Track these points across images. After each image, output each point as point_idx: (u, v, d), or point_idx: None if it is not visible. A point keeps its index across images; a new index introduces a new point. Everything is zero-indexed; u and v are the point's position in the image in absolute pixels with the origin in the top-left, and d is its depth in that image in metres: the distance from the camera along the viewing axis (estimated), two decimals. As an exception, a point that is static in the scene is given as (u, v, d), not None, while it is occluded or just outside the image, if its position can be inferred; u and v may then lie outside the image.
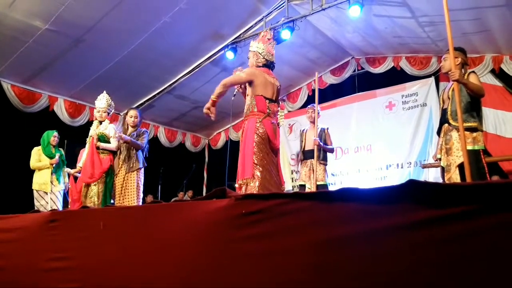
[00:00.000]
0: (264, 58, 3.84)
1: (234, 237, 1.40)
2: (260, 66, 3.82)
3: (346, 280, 1.19)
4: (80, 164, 5.42)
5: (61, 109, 7.93)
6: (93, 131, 4.98)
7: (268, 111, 3.66)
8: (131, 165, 4.96)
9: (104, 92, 5.28)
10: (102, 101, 5.17)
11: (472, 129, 3.42)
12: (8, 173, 6.84)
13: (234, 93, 4.05)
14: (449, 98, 3.58)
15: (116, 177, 4.97)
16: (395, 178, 7.49)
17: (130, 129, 5.19)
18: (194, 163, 8.72)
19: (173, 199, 7.91)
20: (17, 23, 5.84)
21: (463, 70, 3.58)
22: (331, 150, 5.68)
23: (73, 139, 6.42)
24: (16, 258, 2.30)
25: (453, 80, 3.35)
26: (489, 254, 0.98)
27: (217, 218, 1.47)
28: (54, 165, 5.75)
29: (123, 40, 6.65)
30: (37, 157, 5.79)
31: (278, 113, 3.81)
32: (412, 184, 1.07)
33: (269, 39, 3.96)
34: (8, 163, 6.91)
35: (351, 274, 1.18)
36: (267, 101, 3.70)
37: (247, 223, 1.39)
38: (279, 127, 3.82)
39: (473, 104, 3.47)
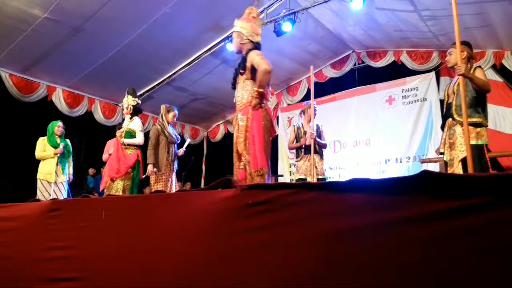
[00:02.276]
0: (248, 38, 3.51)
1: (241, 228, 1.38)
2: (249, 48, 3.49)
3: (355, 272, 1.17)
4: (105, 155, 5.48)
5: (59, 99, 7.88)
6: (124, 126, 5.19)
7: (269, 97, 3.53)
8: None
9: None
10: (130, 96, 5.32)
11: (476, 124, 3.39)
12: (6, 162, 6.81)
13: None
14: (454, 92, 3.56)
15: (163, 175, 5.15)
16: (394, 172, 7.48)
17: (171, 127, 5.40)
18: (193, 156, 8.69)
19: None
20: (16, 11, 5.77)
21: (469, 65, 3.55)
22: (325, 146, 5.67)
23: (72, 129, 6.38)
24: (16, 247, 2.27)
25: (459, 75, 3.28)
26: (503, 247, 0.97)
27: (223, 208, 1.45)
28: (59, 155, 5.74)
29: (123, 30, 6.59)
30: (42, 147, 5.79)
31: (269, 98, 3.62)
32: (426, 175, 1.05)
33: (254, 17, 3.61)
34: (6, 152, 6.88)
35: (360, 266, 1.16)
36: (267, 87, 3.47)
37: (253, 213, 1.36)
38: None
39: (479, 99, 3.44)
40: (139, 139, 5.09)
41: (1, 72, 7.04)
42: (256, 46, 3.53)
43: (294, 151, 5.94)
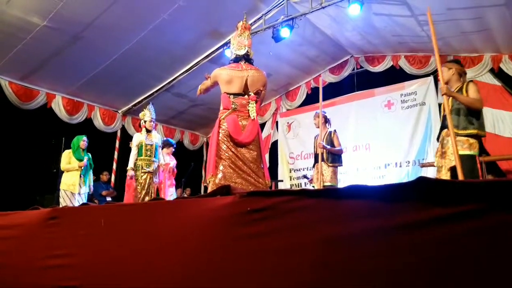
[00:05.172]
0: (234, 53, 3.80)
1: (239, 235, 1.39)
2: (231, 61, 3.79)
3: (353, 278, 1.17)
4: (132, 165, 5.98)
5: (59, 106, 7.87)
6: (145, 139, 5.94)
7: (232, 106, 3.60)
8: None
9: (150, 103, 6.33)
10: (152, 110, 6.07)
11: (471, 136, 3.46)
12: (6, 170, 6.81)
13: None
14: (449, 105, 3.64)
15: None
16: (394, 177, 7.48)
17: None
18: (192, 161, 8.69)
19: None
20: (15, 20, 5.79)
21: (461, 79, 3.70)
22: (339, 151, 5.64)
23: (71, 137, 6.38)
24: (16, 255, 2.27)
25: (442, 95, 3.51)
26: (499, 252, 0.97)
27: (222, 215, 1.45)
28: (82, 168, 6.10)
29: (122, 37, 6.61)
30: (67, 159, 6.16)
31: (249, 105, 3.65)
32: (422, 182, 1.06)
33: (241, 30, 3.85)
34: (6, 160, 6.87)
35: (358, 272, 1.17)
36: (231, 96, 3.63)
37: (252, 220, 1.37)
38: (252, 119, 3.62)
39: (472, 110, 3.50)
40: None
41: (0, 80, 7.05)
42: (239, 58, 3.75)
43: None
